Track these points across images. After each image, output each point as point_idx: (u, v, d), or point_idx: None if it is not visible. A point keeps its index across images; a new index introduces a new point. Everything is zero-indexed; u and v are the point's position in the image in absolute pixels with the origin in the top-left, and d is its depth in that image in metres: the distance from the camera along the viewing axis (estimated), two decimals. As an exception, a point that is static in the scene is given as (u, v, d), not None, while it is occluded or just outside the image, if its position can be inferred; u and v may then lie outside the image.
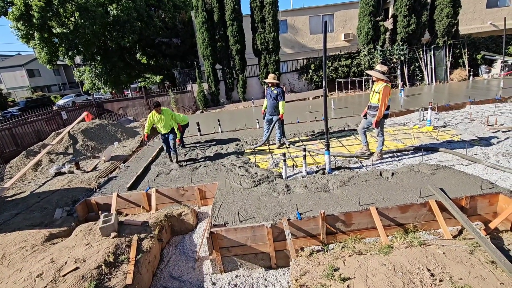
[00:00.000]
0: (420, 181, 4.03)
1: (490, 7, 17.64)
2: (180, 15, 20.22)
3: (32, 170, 7.30)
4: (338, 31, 18.44)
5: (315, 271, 2.86)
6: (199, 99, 15.22)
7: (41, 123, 10.86)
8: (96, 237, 3.72)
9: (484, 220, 3.52)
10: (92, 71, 18.05)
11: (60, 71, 39.24)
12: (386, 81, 4.64)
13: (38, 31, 13.66)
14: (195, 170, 5.59)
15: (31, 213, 4.99)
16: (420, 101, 9.66)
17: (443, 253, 2.82)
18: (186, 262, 3.79)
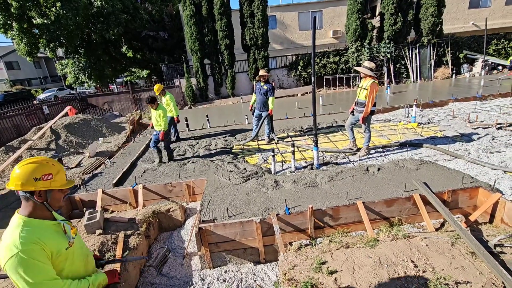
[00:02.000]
0: (405, 175, 4.13)
1: (472, 7, 18.19)
2: (168, 8, 19.78)
3: (12, 166, 7.02)
4: (326, 28, 18.56)
5: (303, 265, 2.90)
6: (187, 94, 15.01)
7: (21, 117, 10.44)
8: (81, 234, 3.62)
9: (464, 213, 3.65)
10: (75, 64, 17.44)
11: (41, 64, 37.71)
12: (373, 78, 4.71)
13: (16, 21, 13.04)
14: (183, 166, 5.53)
15: (11, 211, 4.80)
16: (405, 98, 9.88)
17: (426, 245, 2.91)
18: (174, 259, 3.75)
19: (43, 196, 1.46)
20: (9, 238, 1.34)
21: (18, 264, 1.28)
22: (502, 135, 5.48)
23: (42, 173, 1.44)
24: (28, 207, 1.45)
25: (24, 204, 1.45)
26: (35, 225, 1.42)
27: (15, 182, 1.40)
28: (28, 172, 1.41)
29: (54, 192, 1.50)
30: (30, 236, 1.35)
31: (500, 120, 6.22)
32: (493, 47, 15.17)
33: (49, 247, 1.39)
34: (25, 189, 1.41)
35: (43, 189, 1.44)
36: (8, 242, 1.32)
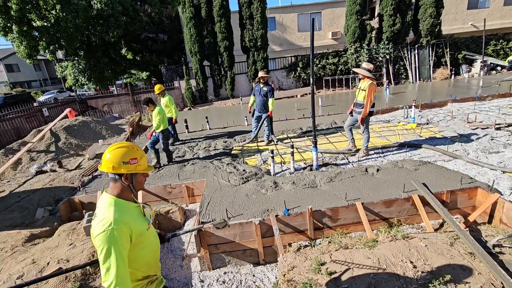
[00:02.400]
0: (404, 176, 4.14)
1: (471, 8, 18.25)
2: (167, 10, 19.83)
3: (12, 168, 7.02)
4: (325, 29, 18.62)
5: (303, 266, 2.90)
6: (187, 96, 15.02)
7: (21, 120, 10.44)
8: (80, 236, 3.63)
9: (463, 214, 3.66)
10: (75, 66, 17.46)
11: (41, 66, 37.79)
12: (372, 79, 4.73)
13: (16, 24, 13.06)
14: (182, 167, 5.53)
15: (11, 213, 4.80)
16: (404, 99, 9.90)
17: (425, 246, 2.92)
18: (174, 260, 3.75)
19: (129, 179, 1.59)
20: (104, 214, 1.47)
21: (107, 239, 1.39)
22: (501, 136, 5.49)
23: (129, 157, 1.57)
24: (116, 189, 1.59)
25: (112, 185, 1.60)
26: (123, 206, 1.55)
27: (107, 165, 1.55)
28: (119, 156, 1.55)
29: (138, 175, 1.64)
30: (122, 217, 1.47)
31: (499, 120, 6.23)
32: (491, 48, 15.21)
33: (134, 229, 1.50)
34: (116, 172, 1.55)
35: (130, 172, 1.58)
36: (104, 217, 1.45)
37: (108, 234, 1.39)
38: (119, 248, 1.41)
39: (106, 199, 1.55)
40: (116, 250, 1.40)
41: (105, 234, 1.40)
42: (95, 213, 1.53)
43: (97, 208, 1.54)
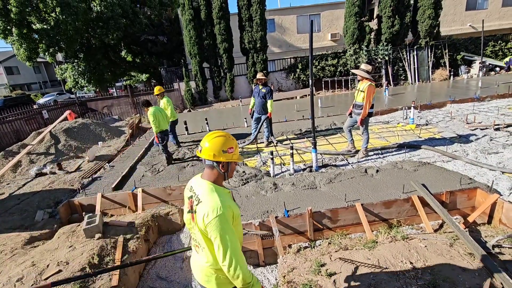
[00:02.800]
0: (403, 177, 4.15)
1: (469, 9, 18.32)
2: (167, 13, 19.88)
3: (11, 171, 7.02)
4: (324, 31, 18.67)
5: (302, 267, 2.90)
6: (187, 97, 15.04)
7: (21, 122, 10.45)
8: (80, 238, 3.63)
9: (463, 214, 3.66)
10: (75, 68, 17.48)
11: (40, 69, 37.81)
12: (370, 80, 4.75)
13: (16, 27, 13.09)
14: (182, 169, 5.54)
15: (10, 216, 4.80)
16: (403, 100, 9.92)
17: (425, 247, 2.92)
18: (174, 262, 3.75)
19: (225, 167, 1.67)
20: (212, 200, 1.53)
21: (220, 223, 1.47)
22: (500, 136, 5.50)
23: (228, 146, 1.65)
24: (212, 175, 1.66)
25: (209, 172, 1.67)
26: (221, 191, 1.62)
27: (208, 153, 1.63)
28: (219, 144, 1.63)
29: (232, 164, 1.72)
30: (225, 201, 1.55)
31: (498, 121, 6.25)
32: (490, 49, 15.26)
33: (235, 212, 1.59)
34: (215, 159, 1.62)
35: (227, 160, 1.65)
36: (212, 204, 1.51)
37: (221, 218, 1.48)
38: (232, 229, 1.52)
39: (206, 185, 1.62)
40: (230, 231, 1.50)
41: (218, 219, 1.47)
42: (198, 198, 1.59)
43: (199, 194, 1.60)
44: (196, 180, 1.71)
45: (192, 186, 1.70)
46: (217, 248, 1.50)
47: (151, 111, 5.37)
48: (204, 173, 1.70)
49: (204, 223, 1.51)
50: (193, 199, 1.63)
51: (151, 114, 5.34)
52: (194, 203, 1.61)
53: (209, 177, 1.66)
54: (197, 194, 1.62)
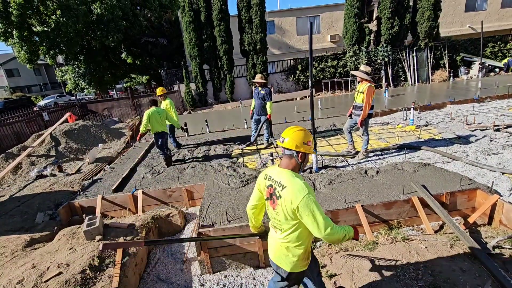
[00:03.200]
0: (403, 178, 4.15)
1: (468, 10, 18.38)
2: (167, 15, 19.96)
3: (12, 173, 7.03)
4: (324, 33, 18.72)
5: (303, 269, 2.89)
6: (187, 99, 15.07)
7: (21, 124, 10.46)
8: (80, 240, 3.62)
9: (463, 215, 3.66)
10: (75, 71, 17.54)
11: (41, 71, 37.90)
12: (370, 81, 4.76)
13: (17, 29, 13.14)
14: (182, 171, 5.54)
15: (11, 218, 4.80)
16: (403, 101, 9.93)
17: (425, 248, 2.92)
18: (174, 264, 3.75)
19: (302, 158, 1.85)
20: (296, 184, 1.72)
21: (309, 202, 1.66)
22: (499, 137, 5.51)
23: (307, 139, 1.85)
24: (291, 165, 1.85)
25: (287, 161, 1.86)
26: (300, 177, 1.80)
27: (292, 144, 1.82)
28: (301, 137, 1.83)
29: (307, 156, 1.90)
30: (306, 183, 1.74)
31: (498, 122, 6.25)
32: (489, 50, 15.30)
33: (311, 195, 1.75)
34: (297, 150, 1.81)
35: (306, 152, 1.84)
36: (298, 187, 1.70)
37: (308, 197, 1.67)
38: (318, 204, 1.71)
39: (286, 172, 1.81)
40: (318, 206, 1.69)
41: (307, 198, 1.67)
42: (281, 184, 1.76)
43: (281, 181, 1.78)
44: (274, 170, 1.90)
45: (271, 176, 1.88)
46: (311, 223, 1.68)
47: (148, 111, 5.48)
48: (282, 163, 1.88)
49: (293, 205, 1.69)
50: (274, 187, 1.82)
51: (146, 113, 5.46)
52: (276, 190, 1.80)
53: (288, 166, 1.85)
54: (279, 181, 1.80)
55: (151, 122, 5.50)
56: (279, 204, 1.78)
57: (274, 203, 1.82)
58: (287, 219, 1.76)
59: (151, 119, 5.47)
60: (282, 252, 1.86)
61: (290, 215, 1.74)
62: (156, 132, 5.58)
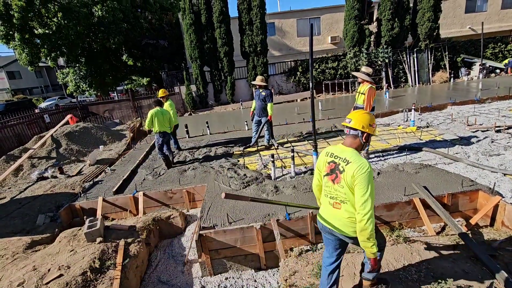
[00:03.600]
0: (404, 179, 4.13)
1: (468, 12, 18.41)
2: (167, 17, 20.03)
3: (13, 175, 7.04)
4: (324, 34, 18.76)
5: (304, 271, 2.89)
6: (187, 101, 15.10)
7: (22, 126, 10.49)
8: (81, 242, 3.62)
9: (465, 216, 3.65)
10: (76, 73, 17.59)
11: (42, 73, 38.04)
12: (371, 83, 4.76)
13: (18, 32, 13.20)
14: (183, 172, 5.54)
15: (12, 220, 4.80)
16: (404, 102, 9.93)
17: (427, 249, 2.90)
18: (175, 266, 3.74)
19: (366, 138, 2.06)
20: (361, 160, 1.93)
21: (369, 176, 1.87)
22: (501, 138, 5.49)
23: (372, 122, 2.06)
24: (354, 144, 2.06)
25: (351, 141, 2.07)
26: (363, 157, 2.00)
27: (359, 124, 2.03)
28: (367, 119, 2.03)
29: (370, 137, 2.11)
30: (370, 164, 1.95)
31: (499, 123, 6.24)
32: (490, 51, 15.30)
33: None
34: (363, 130, 2.02)
35: (370, 132, 2.05)
36: (362, 162, 1.91)
37: (368, 174, 1.87)
38: (374, 186, 1.90)
39: (351, 150, 2.02)
40: (372, 186, 1.88)
41: (367, 174, 1.86)
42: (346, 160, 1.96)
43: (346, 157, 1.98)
44: (336, 148, 2.10)
45: (333, 153, 2.08)
46: (361, 196, 1.86)
47: (152, 110, 5.59)
48: (346, 142, 2.08)
49: (354, 177, 1.88)
50: (337, 162, 2.01)
51: (150, 113, 5.57)
52: (340, 165, 1.98)
53: (352, 145, 2.05)
54: (343, 157, 1.99)
55: (154, 122, 5.58)
56: (342, 178, 1.96)
57: (337, 178, 2.01)
58: (349, 193, 1.96)
59: (155, 118, 5.56)
60: (346, 221, 2.03)
61: (352, 187, 1.93)
62: (158, 132, 5.64)
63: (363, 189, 1.85)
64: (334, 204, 2.08)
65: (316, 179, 2.29)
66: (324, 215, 2.19)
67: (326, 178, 2.09)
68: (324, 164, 2.12)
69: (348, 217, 2.01)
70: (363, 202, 1.85)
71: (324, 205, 2.21)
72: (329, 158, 2.09)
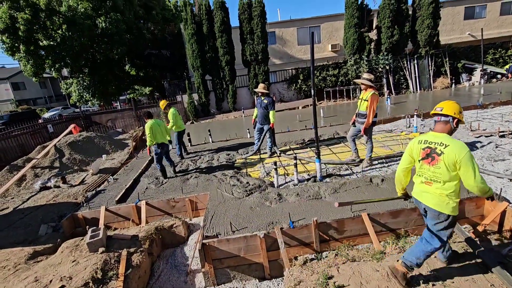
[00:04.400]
0: (409, 186, 4.08)
1: (467, 18, 18.56)
2: (170, 27, 20.33)
3: (16, 185, 7.05)
4: (325, 42, 18.94)
5: (309, 280, 2.83)
6: (189, 110, 15.19)
7: (26, 136, 10.57)
8: (83, 253, 3.59)
9: (472, 223, 3.58)
10: (80, 83, 17.77)
11: (46, 84, 38.52)
12: (374, 89, 4.77)
13: (24, 44, 13.43)
14: (186, 181, 5.52)
15: (14, 230, 4.78)
16: (406, 109, 9.93)
17: (435, 257, 2.84)
18: (178, 276, 3.69)
19: (457, 123, 2.33)
20: (458, 142, 2.21)
21: (471, 157, 2.14)
22: (505, 143, 5.44)
23: (460, 110, 2.33)
24: (445, 129, 2.34)
25: (442, 127, 2.35)
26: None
27: (452, 111, 2.30)
28: (458, 107, 2.32)
29: (459, 124, 2.36)
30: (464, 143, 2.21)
31: (503, 128, 6.20)
32: (490, 56, 15.36)
33: None
34: (455, 116, 2.30)
35: (460, 119, 2.33)
36: (460, 144, 2.19)
37: (469, 153, 2.14)
38: (475, 160, 2.16)
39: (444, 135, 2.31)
40: (475, 162, 2.15)
41: (469, 154, 2.13)
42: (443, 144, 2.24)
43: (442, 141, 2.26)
44: (428, 135, 2.40)
45: (426, 140, 2.37)
46: (470, 173, 2.13)
47: (149, 123, 5.43)
48: (437, 128, 2.37)
49: (456, 158, 2.15)
50: (432, 147, 2.30)
51: (147, 126, 5.42)
52: (437, 149, 2.26)
53: (443, 130, 2.33)
54: (438, 142, 2.28)
55: (155, 134, 5.48)
56: (440, 159, 2.23)
57: (433, 160, 2.28)
58: (448, 171, 2.21)
59: (153, 130, 5.47)
60: (442, 199, 2.30)
61: (451, 168, 2.18)
62: (157, 143, 5.57)
63: (468, 168, 2.12)
64: (426, 183, 2.39)
65: (404, 164, 2.61)
66: (417, 192, 2.53)
67: (422, 162, 2.39)
68: (418, 151, 2.41)
69: (439, 193, 2.30)
70: (472, 177, 2.12)
71: (416, 183, 2.54)
72: (423, 145, 2.38)
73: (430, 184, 2.36)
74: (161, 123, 5.66)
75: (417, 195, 2.53)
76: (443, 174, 2.24)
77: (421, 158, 2.39)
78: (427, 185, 2.39)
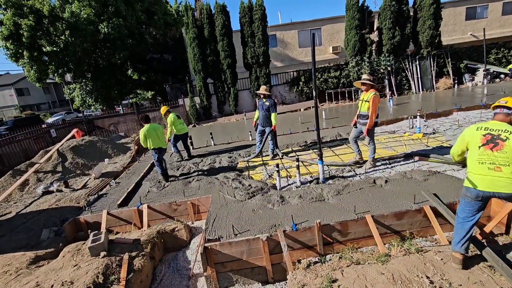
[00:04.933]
0: (413, 187, 4.04)
1: (469, 19, 18.51)
2: (171, 32, 20.48)
3: (19, 190, 7.06)
4: (326, 44, 18.95)
5: (313, 284, 2.78)
6: (191, 113, 15.22)
7: (29, 141, 10.62)
8: (85, 257, 3.56)
9: (478, 224, 3.49)
10: (83, 88, 17.93)
11: (50, 89, 38.88)
12: (375, 89, 4.74)
13: (27, 50, 13.58)
14: (188, 184, 5.50)
15: (17, 234, 4.77)
16: (408, 109, 9.86)
17: (441, 259, 2.79)
18: (180, 280, 3.65)
19: None
20: None
21: None
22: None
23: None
24: (505, 119, 2.54)
25: (503, 117, 2.57)
26: None
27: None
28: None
29: None
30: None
31: (507, 127, 6.12)
32: (493, 56, 15.26)
33: None
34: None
35: None
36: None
37: None
38: None
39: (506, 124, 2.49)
40: None
41: None
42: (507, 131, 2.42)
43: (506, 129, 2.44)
44: (489, 123, 2.56)
45: (487, 127, 2.53)
46: None
47: (143, 129, 5.47)
48: (499, 118, 2.58)
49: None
50: (494, 134, 2.45)
51: (141, 132, 5.46)
52: (501, 135, 2.42)
53: (504, 120, 2.55)
54: (502, 129, 2.45)
55: (148, 140, 5.46)
56: (506, 144, 2.37)
57: (497, 146, 2.40)
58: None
59: (148, 136, 5.45)
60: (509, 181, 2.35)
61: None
62: (153, 148, 5.56)
63: None
64: (495, 168, 2.41)
65: (459, 149, 2.78)
66: (487, 184, 2.46)
67: (483, 148, 2.47)
68: (478, 137, 2.52)
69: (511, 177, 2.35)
70: None
71: (481, 173, 2.49)
72: (483, 131, 2.52)
73: (500, 169, 2.39)
74: (157, 128, 5.64)
75: (487, 187, 2.46)
76: (510, 158, 2.35)
77: (482, 144, 2.48)
78: (496, 171, 2.41)
